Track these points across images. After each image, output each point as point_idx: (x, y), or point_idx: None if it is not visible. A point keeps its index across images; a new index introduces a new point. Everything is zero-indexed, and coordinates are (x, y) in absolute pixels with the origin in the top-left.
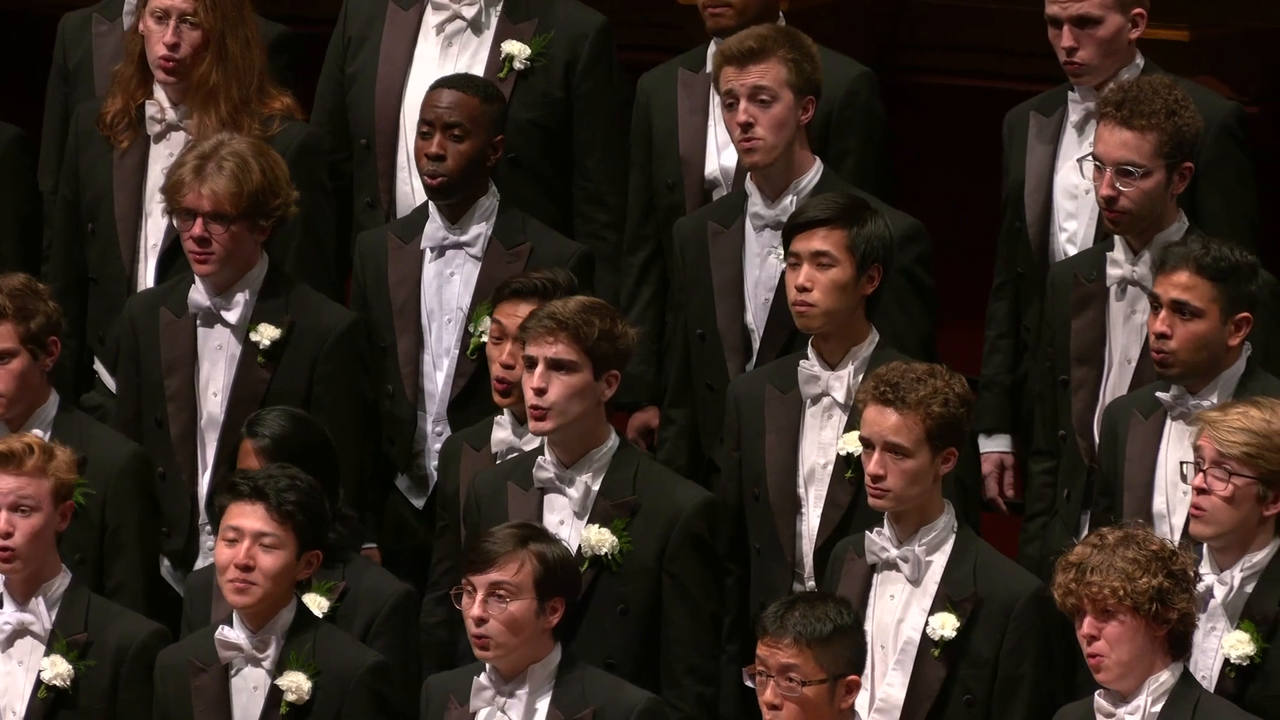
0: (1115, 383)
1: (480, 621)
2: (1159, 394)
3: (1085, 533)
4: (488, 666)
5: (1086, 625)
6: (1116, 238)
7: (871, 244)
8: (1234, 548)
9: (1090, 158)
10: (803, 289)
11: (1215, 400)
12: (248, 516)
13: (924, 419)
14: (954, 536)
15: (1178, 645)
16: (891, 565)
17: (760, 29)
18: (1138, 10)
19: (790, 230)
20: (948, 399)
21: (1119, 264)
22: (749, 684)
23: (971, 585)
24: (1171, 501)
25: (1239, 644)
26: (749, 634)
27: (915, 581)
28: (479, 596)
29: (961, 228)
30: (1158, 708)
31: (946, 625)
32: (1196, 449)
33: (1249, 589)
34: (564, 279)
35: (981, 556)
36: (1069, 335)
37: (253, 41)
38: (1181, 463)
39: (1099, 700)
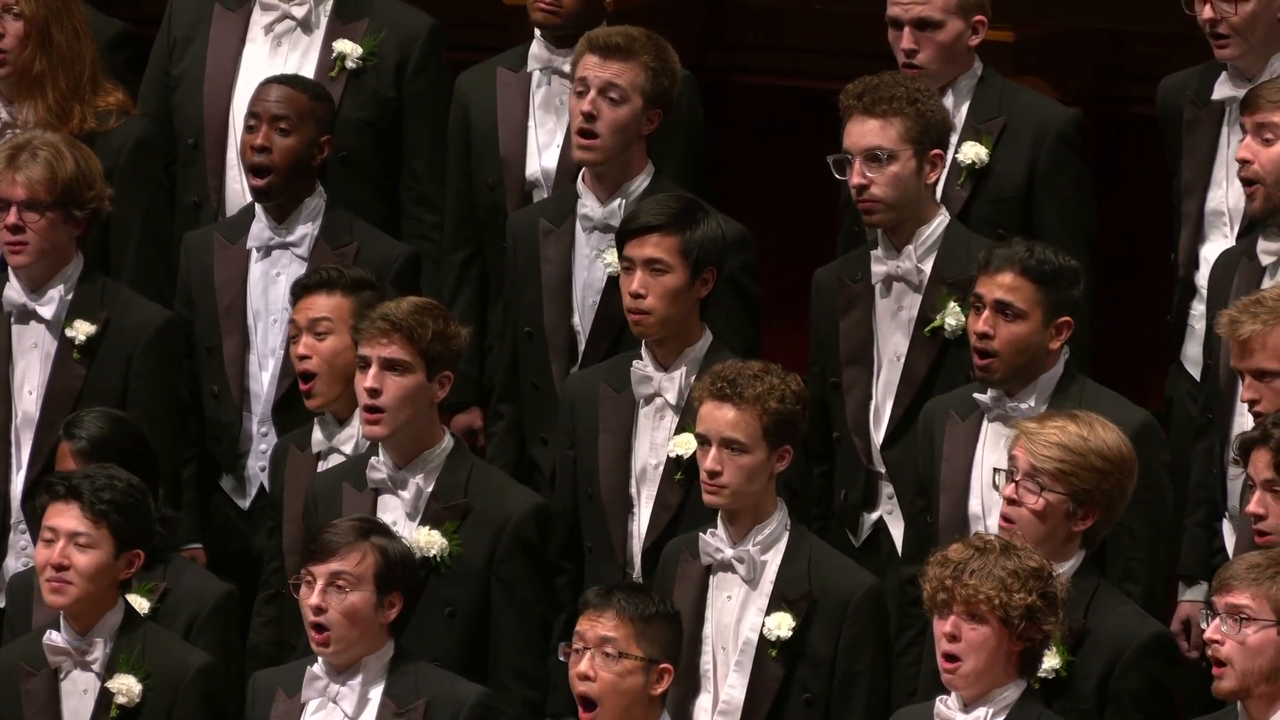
0: (886, 380)
1: (319, 610)
2: (976, 395)
3: (866, 534)
4: (320, 659)
5: (950, 624)
6: (879, 235)
7: (705, 248)
8: None
9: (844, 155)
10: (637, 295)
11: (1033, 403)
12: (63, 516)
13: (760, 415)
14: (788, 534)
15: (1028, 663)
16: (727, 566)
17: (634, 30)
18: (979, 17)
19: (623, 235)
20: (784, 396)
21: (881, 261)
22: (562, 659)
23: (806, 583)
24: (987, 504)
25: (1046, 658)
26: None
27: (752, 582)
28: (319, 586)
29: (785, 229)
30: None
31: (782, 625)
32: (1011, 458)
33: None
34: (360, 273)
35: (815, 554)
36: (838, 338)
37: (82, 33)
38: (995, 469)
39: (940, 707)
